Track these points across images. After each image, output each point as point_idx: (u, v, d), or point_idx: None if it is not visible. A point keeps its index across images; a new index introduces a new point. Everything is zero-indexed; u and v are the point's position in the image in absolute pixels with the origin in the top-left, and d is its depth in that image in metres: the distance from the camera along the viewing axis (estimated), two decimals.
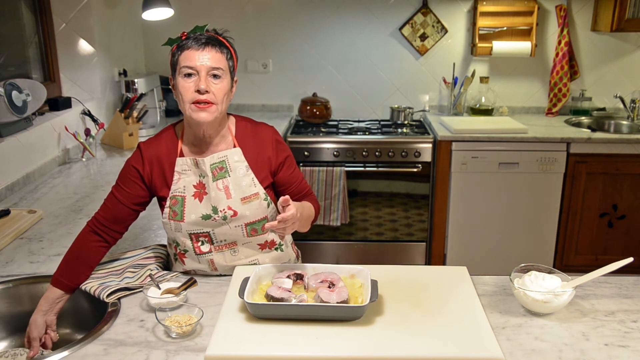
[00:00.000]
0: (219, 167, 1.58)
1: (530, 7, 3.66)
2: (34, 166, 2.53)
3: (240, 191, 1.58)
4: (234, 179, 1.58)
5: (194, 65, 1.49)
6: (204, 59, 1.49)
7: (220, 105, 1.52)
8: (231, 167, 1.59)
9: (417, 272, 1.57)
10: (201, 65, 1.49)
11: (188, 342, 1.28)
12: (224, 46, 1.55)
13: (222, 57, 1.52)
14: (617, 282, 1.55)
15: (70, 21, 3.08)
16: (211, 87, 1.50)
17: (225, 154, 1.59)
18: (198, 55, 1.49)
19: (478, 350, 1.22)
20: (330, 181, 3.34)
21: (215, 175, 1.58)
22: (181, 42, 1.53)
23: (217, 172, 1.58)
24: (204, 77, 1.50)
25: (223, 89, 1.52)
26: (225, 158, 1.59)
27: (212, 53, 1.50)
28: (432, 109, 3.94)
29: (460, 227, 3.46)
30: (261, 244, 1.65)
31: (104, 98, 3.30)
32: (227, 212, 1.57)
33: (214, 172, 1.58)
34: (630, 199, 3.37)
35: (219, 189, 1.57)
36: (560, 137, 3.29)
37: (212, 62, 1.50)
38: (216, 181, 1.58)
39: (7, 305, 1.56)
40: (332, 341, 1.25)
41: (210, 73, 1.50)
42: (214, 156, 1.58)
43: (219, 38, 1.56)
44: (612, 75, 3.84)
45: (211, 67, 1.50)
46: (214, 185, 1.57)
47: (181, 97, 1.51)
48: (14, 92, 2.27)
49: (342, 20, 3.81)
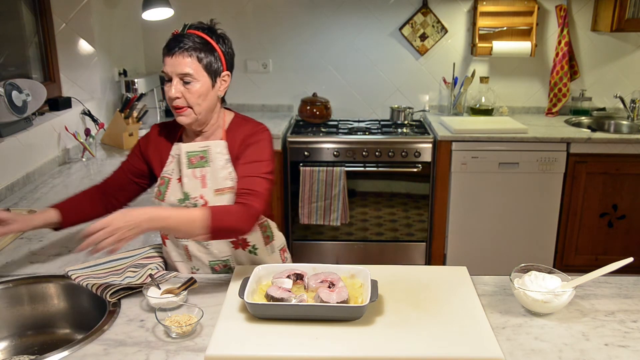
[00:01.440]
0: (199, 156, 1.63)
1: (530, 7, 3.66)
2: (34, 166, 2.53)
3: (216, 182, 1.62)
4: (212, 170, 1.62)
5: (166, 71, 1.55)
6: (172, 66, 1.53)
7: (196, 107, 1.57)
8: (212, 157, 1.62)
9: (417, 272, 1.57)
10: (171, 72, 1.53)
11: (188, 342, 1.28)
12: (202, 48, 1.53)
13: (192, 61, 1.52)
14: (617, 282, 1.55)
15: (70, 21, 3.08)
16: (183, 91, 1.54)
17: (209, 144, 1.64)
18: (168, 61, 1.53)
19: (478, 350, 1.22)
20: (330, 181, 3.34)
21: (193, 163, 1.62)
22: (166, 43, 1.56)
23: (195, 161, 1.62)
24: (175, 83, 1.54)
25: (196, 92, 1.55)
26: (207, 148, 1.63)
27: (180, 59, 1.51)
28: (432, 109, 3.94)
29: (460, 227, 3.46)
30: (233, 242, 1.68)
31: (104, 98, 3.30)
32: (199, 201, 1.61)
33: (192, 160, 1.62)
34: (630, 199, 3.37)
35: (196, 177, 1.62)
36: (560, 137, 3.29)
37: (180, 69, 1.52)
38: (192, 169, 1.62)
39: (7, 305, 1.56)
40: (332, 341, 1.25)
41: (181, 78, 1.54)
42: (195, 144, 1.64)
43: (202, 36, 1.54)
44: (612, 75, 3.84)
45: (179, 73, 1.53)
46: (189, 172, 1.62)
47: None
48: (14, 92, 2.27)
49: (342, 20, 3.81)
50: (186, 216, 1.41)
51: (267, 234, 1.76)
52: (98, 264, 1.65)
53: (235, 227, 1.46)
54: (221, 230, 1.44)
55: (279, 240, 1.82)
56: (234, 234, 1.52)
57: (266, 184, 1.55)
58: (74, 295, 1.57)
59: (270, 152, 1.62)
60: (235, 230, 1.48)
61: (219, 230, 1.43)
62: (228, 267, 1.71)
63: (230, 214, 1.46)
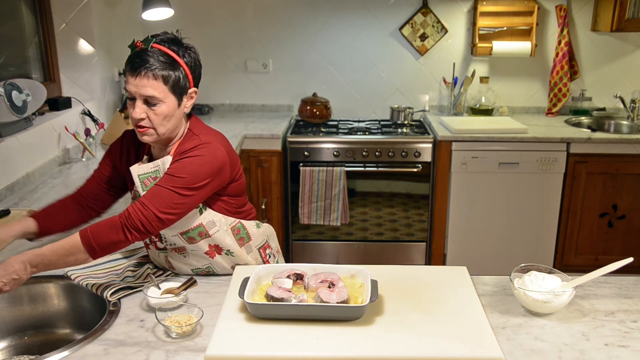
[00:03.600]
0: (152, 177, 1.55)
1: (530, 7, 3.66)
2: (34, 166, 2.53)
3: None
4: None
5: (130, 90, 1.48)
6: (137, 87, 1.46)
7: (160, 127, 1.51)
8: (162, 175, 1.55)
9: (417, 272, 1.57)
10: (135, 92, 1.47)
11: (188, 342, 1.28)
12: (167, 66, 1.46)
13: (158, 83, 1.46)
14: (617, 282, 1.55)
15: (70, 21, 3.08)
16: (148, 113, 1.48)
17: (158, 163, 1.56)
18: (131, 81, 1.47)
19: (478, 350, 1.22)
20: (330, 181, 3.34)
21: (147, 185, 1.55)
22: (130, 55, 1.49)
23: (149, 182, 1.55)
24: (139, 105, 1.48)
25: (161, 113, 1.49)
26: (158, 167, 1.55)
27: (145, 81, 1.45)
28: (432, 109, 3.94)
29: (460, 227, 3.46)
30: (207, 252, 1.62)
31: (104, 98, 3.30)
32: None
33: (145, 182, 1.55)
34: (630, 199, 3.37)
35: None
36: (560, 137, 3.29)
37: (145, 91, 1.46)
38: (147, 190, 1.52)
39: (7, 305, 1.56)
40: (332, 341, 1.25)
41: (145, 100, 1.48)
42: (147, 166, 1.56)
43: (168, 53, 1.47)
44: (612, 75, 3.83)
45: (143, 95, 1.47)
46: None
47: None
48: (14, 92, 2.27)
49: (342, 21, 3.81)
50: (62, 247, 1.40)
51: (241, 236, 1.68)
52: (97, 264, 1.64)
53: (114, 241, 1.43)
54: (102, 247, 1.42)
55: (259, 239, 1.74)
56: (118, 246, 1.45)
57: (167, 197, 1.46)
58: (74, 295, 1.57)
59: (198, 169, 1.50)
60: (116, 244, 1.44)
61: (103, 247, 1.42)
62: (211, 273, 1.68)
63: (102, 229, 1.42)
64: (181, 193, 1.47)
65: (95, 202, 1.71)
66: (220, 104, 3.98)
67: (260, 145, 3.37)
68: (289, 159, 3.41)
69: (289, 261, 3.07)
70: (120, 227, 1.42)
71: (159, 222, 1.45)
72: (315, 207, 3.39)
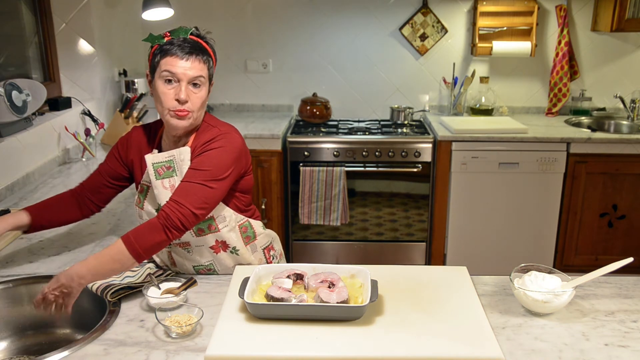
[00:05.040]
0: (165, 167, 1.60)
1: (530, 7, 3.66)
2: (34, 166, 2.53)
3: None
4: (180, 179, 1.58)
5: (176, 72, 1.51)
6: (187, 69, 1.51)
7: (196, 112, 1.56)
8: (178, 166, 1.59)
9: (417, 272, 1.57)
10: (183, 74, 1.51)
11: (188, 342, 1.28)
12: (206, 53, 1.56)
13: (204, 67, 1.55)
14: (617, 282, 1.55)
15: (70, 21, 3.08)
16: (190, 96, 1.53)
17: (173, 153, 1.60)
18: (182, 63, 1.51)
19: (478, 350, 1.22)
20: (330, 181, 3.34)
21: (161, 174, 1.59)
22: (164, 45, 1.53)
23: (162, 171, 1.59)
24: (185, 87, 1.52)
25: (201, 97, 1.56)
26: (172, 157, 1.59)
27: (196, 63, 1.52)
28: (432, 109, 3.94)
29: (460, 227, 3.46)
30: (213, 246, 1.65)
31: (104, 98, 3.30)
32: None
33: (159, 171, 1.59)
34: (630, 199, 3.37)
35: (165, 187, 1.59)
36: (560, 137, 3.29)
37: (195, 72, 1.52)
38: (161, 180, 1.59)
39: (7, 305, 1.56)
40: (332, 341, 1.25)
41: (191, 82, 1.53)
42: (161, 155, 1.60)
43: (202, 44, 1.56)
44: (612, 75, 3.84)
45: (193, 76, 1.52)
46: (159, 184, 1.59)
47: (160, 101, 1.54)
48: (14, 92, 2.27)
49: (342, 21, 3.81)
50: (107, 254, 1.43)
51: (248, 235, 1.73)
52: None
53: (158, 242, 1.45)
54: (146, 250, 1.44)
55: (263, 240, 1.78)
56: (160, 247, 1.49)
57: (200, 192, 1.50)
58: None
59: (222, 161, 1.55)
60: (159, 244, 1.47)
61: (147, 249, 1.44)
62: (212, 271, 1.70)
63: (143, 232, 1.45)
64: (210, 186, 1.51)
65: (96, 197, 1.72)
66: (220, 104, 3.98)
67: (260, 145, 3.37)
68: (289, 159, 3.41)
69: (289, 261, 3.07)
70: (161, 228, 1.45)
71: (194, 218, 1.49)
72: (315, 207, 3.39)
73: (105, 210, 2.06)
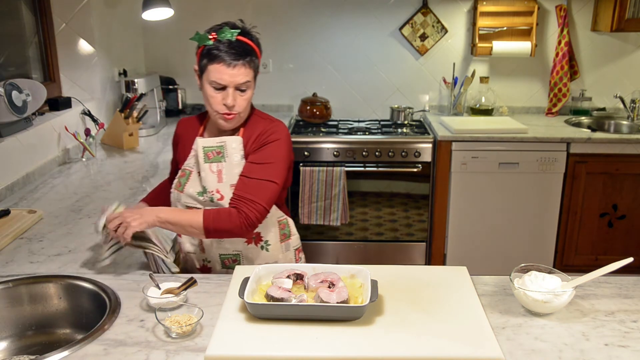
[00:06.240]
0: (215, 151, 1.67)
1: (530, 7, 3.66)
2: (34, 166, 2.53)
3: (231, 177, 1.66)
4: (228, 165, 1.66)
5: (223, 81, 1.57)
6: (233, 76, 1.57)
7: (244, 112, 1.65)
8: (228, 153, 1.66)
9: (417, 272, 1.57)
10: (230, 82, 1.58)
11: (188, 342, 1.28)
12: (252, 53, 1.60)
13: (250, 71, 1.60)
14: (617, 282, 1.55)
15: (70, 21, 3.08)
16: (237, 99, 1.60)
17: (225, 140, 1.67)
18: (228, 71, 1.56)
19: (478, 350, 1.22)
20: (330, 181, 3.34)
21: (210, 158, 1.66)
22: (211, 48, 1.57)
23: (212, 156, 1.66)
24: (232, 93, 1.59)
25: (247, 99, 1.63)
26: (223, 144, 1.67)
27: (242, 69, 1.58)
28: (432, 109, 3.94)
29: (460, 227, 3.46)
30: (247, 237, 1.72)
31: (104, 98, 3.30)
32: (215, 195, 1.65)
33: (209, 155, 1.66)
34: (630, 199, 3.37)
35: (212, 171, 1.66)
36: (560, 137, 3.29)
37: (241, 78, 1.58)
38: (209, 163, 1.66)
39: (7, 305, 1.56)
40: (332, 341, 1.25)
41: (238, 88, 1.60)
42: (212, 140, 1.68)
43: (248, 43, 1.60)
44: (612, 75, 3.84)
45: (239, 83, 1.59)
46: (207, 167, 1.66)
47: (209, 103, 1.64)
48: (14, 92, 2.27)
49: (342, 21, 3.81)
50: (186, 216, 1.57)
51: (284, 232, 1.80)
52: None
53: (229, 231, 1.57)
54: (217, 231, 1.57)
55: (296, 240, 1.86)
56: (228, 235, 1.61)
57: (269, 188, 1.60)
58: (74, 295, 1.57)
59: (282, 153, 1.66)
60: (229, 233, 1.59)
61: (215, 231, 1.57)
62: (237, 262, 1.76)
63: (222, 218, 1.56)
64: (275, 181, 1.62)
65: None
66: None
67: None
68: None
69: None
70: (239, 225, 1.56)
71: (265, 212, 1.60)
72: (315, 207, 3.39)
73: None
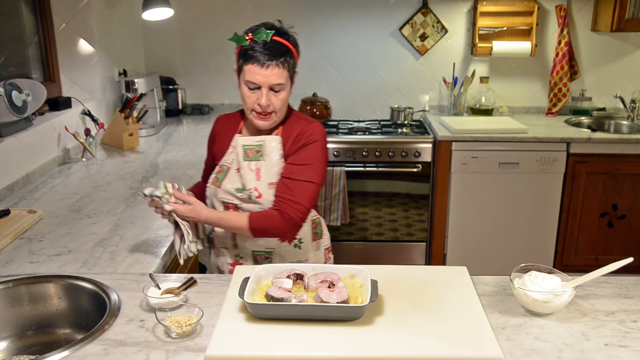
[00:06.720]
0: (255, 150, 1.71)
1: (530, 7, 3.66)
2: (34, 166, 2.53)
3: (270, 176, 1.69)
4: (267, 163, 1.70)
5: (257, 81, 1.60)
6: (266, 76, 1.59)
7: (278, 112, 1.67)
8: (267, 152, 1.70)
9: (417, 272, 1.57)
10: (263, 82, 1.60)
11: (188, 342, 1.28)
12: (286, 54, 1.61)
13: (284, 71, 1.61)
14: (617, 282, 1.55)
15: (70, 21, 3.08)
16: (272, 99, 1.63)
17: (264, 139, 1.71)
18: (261, 71, 1.59)
19: (478, 350, 1.22)
20: (330, 181, 3.34)
21: (249, 156, 1.70)
22: (247, 48, 1.61)
23: (251, 154, 1.71)
24: (265, 93, 1.62)
25: (282, 99, 1.65)
26: (263, 142, 1.70)
27: (275, 70, 1.59)
28: (432, 109, 3.94)
29: (460, 227, 3.46)
30: None
31: (104, 98, 3.30)
32: (253, 193, 1.69)
33: (248, 153, 1.71)
34: (630, 199, 3.37)
35: (251, 169, 1.70)
36: (560, 137, 3.29)
37: (274, 79, 1.60)
38: (248, 162, 1.70)
39: (7, 305, 1.56)
40: (332, 341, 1.25)
41: (272, 88, 1.62)
42: (252, 138, 1.72)
43: (283, 43, 1.61)
44: (612, 75, 3.84)
45: (272, 83, 1.61)
46: (245, 165, 1.70)
47: (244, 102, 1.68)
48: (14, 92, 2.27)
49: (342, 21, 3.81)
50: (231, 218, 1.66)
51: (316, 231, 1.84)
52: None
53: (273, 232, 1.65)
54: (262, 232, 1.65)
55: (327, 240, 1.90)
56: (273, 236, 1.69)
57: (310, 189, 1.65)
58: (74, 295, 1.57)
59: (321, 153, 1.70)
60: (274, 234, 1.67)
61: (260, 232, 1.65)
62: (269, 260, 1.79)
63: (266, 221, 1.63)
64: (314, 181, 1.66)
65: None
66: (220, 104, 3.98)
67: None
68: None
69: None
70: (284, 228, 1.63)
71: (307, 212, 1.66)
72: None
73: (105, 211, 2.07)
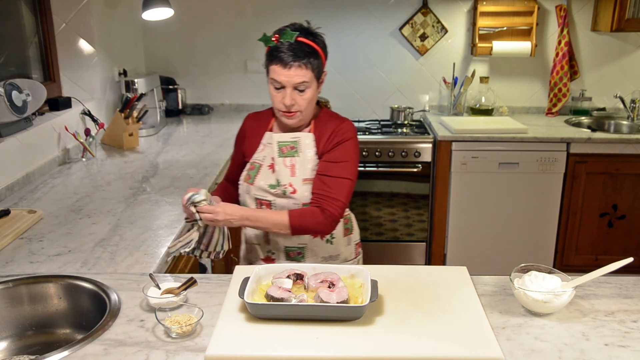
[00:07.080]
0: (289, 146, 1.74)
1: (530, 7, 3.66)
2: (34, 166, 2.53)
3: (304, 172, 1.73)
4: (301, 160, 1.73)
5: (281, 81, 1.65)
6: (290, 76, 1.63)
7: (304, 110, 1.70)
8: (301, 148, 1.73)
9: (417, 272, 1.57)
10: (287, 82, 1.64)
11: (188, 342, 1.28)
12: (311, 54, 1.64)
13: (307, 71, 1.64)
14: (617, 282, 1.55)
15: (70, 21, 3.08)
16: (296, 98, 1.66)
17: (299, 135, 1.75)
18: (285, 72, 1.63)
19: (478, 350, 1.22)
20: None
21: (284, 152, 1.74)
22: (273, 49, 1.67)
23: (286, 150, 1.74)
24: (290, 93, 1.65)
25: (307, 99, 1.68)
26: (297, 139, 1.74)
27: (298, 71, 1.63)
28: (432, 109, 3.94)
29: (460, 227, 3.46)
30: None
31: (104, 98, 3.30)
32: (288, 189, 1.72)
33: (283, 150, 1.74)
34: (630, 199, 3.37)
35: (286, 165, 1.73)
36: (560, 137, 3.29)
37: (297, 79, 1.64)
38: (283, 158, 1.73)
39: (7, 305, 1.56)
40: (332, 341, 1.25)
41: (296, 88, 1.65)
42: (286, 135, 1.75)
43: (309, 44, 1.64)
44: (612, 75, 3.84)
45: (296, 83, 1.64)
46: (280, 161, 1.73)
47: (272, 101, 1.72)
48: (14, 92, 2.27)
49: (342, 21, 3.81)
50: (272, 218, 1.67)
51: (348, 227, 1.88)
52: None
53: (314, 229, 1.68)
54: (303, 229, 1.67)
55: (357, 235, 1.94)
56: (314, 232, 1.72)
57: (346, 185, 1.69)
58: (74, 295, 1.57)
59: (355, 151, 1.74)
60: (314, 231, 1.70)
61: (304, 231, 1.68)
62: (302, 256, 1.82)
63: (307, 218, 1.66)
64: (350, 177, 1.71)
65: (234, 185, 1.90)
66: (220, 104, 3.98)
67: None
68: None
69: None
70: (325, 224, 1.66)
71: (345, 207, 1.71)
72: None
73: (105, 211, 2.07)
